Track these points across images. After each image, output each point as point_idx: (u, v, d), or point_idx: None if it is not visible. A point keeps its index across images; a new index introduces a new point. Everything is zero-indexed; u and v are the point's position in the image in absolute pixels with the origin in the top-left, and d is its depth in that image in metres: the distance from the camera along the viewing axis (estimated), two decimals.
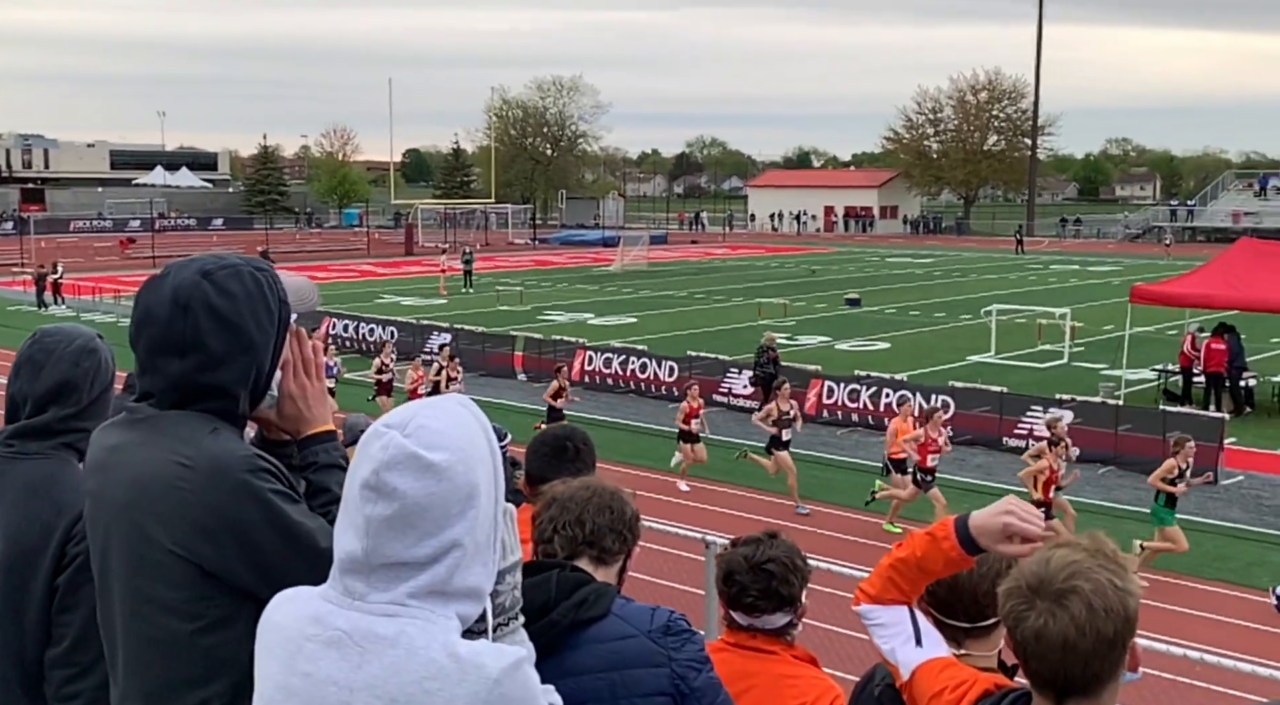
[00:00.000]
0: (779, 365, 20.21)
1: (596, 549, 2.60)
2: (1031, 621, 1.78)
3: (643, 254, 55.91)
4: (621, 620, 2.45)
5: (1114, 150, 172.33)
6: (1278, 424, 19.46)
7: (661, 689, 2.41)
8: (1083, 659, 1.77)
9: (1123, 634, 1.77)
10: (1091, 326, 29.81)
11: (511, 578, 1.83)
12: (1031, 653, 1.80)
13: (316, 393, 2.27)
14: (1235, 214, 68.05)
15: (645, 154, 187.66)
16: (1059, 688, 1.80)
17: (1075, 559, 1.80)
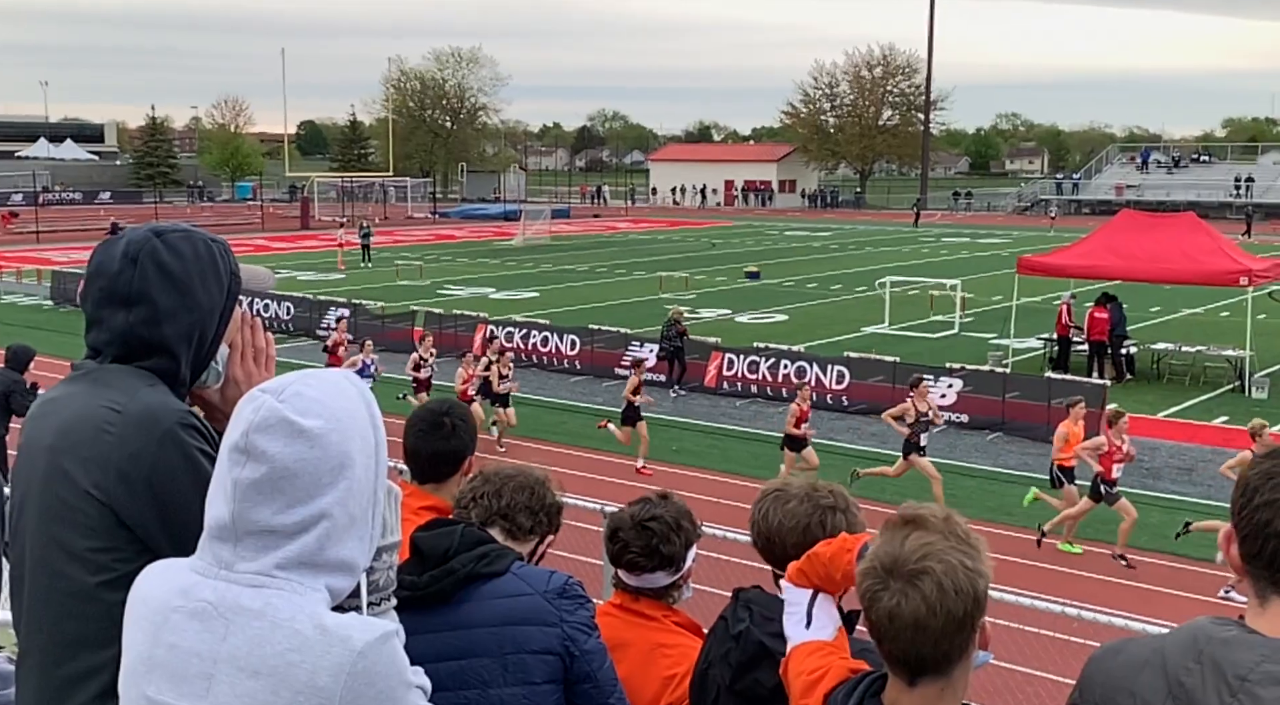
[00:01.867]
0: (686, 338, 20.43)
1: (509, 523, 2.68)
2: (885, 601, 1.83)
3: (545, 228, 55.74)
4: (519, 579, 2.51)
5: (1004, 125, 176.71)
6: (1156, 390, 20.32)
7: (551, 648, 2.46)
8: (933, 638, 1.81)
9: (972, 614, 1.82)
10: (981, 297, 30.70)
11: (388, 557, 1.82)
12: (885, 633, 1.85)
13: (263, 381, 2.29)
14: (1118, 187, 70.35)
15: (546, 127, 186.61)
16: (912, 666, 1.86)
17: (929, 541, 1.84)
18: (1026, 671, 8.80)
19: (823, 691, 2.03)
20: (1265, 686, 1.50)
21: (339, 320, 22.00)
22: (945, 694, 1.88)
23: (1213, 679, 1.54)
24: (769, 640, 2.47)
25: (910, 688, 1.88)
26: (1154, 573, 11.74)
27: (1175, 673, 1.59)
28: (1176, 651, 1.61)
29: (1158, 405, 18.97)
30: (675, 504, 2.96)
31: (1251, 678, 1.51)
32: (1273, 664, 1.52)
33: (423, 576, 2.50)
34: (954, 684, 1.88)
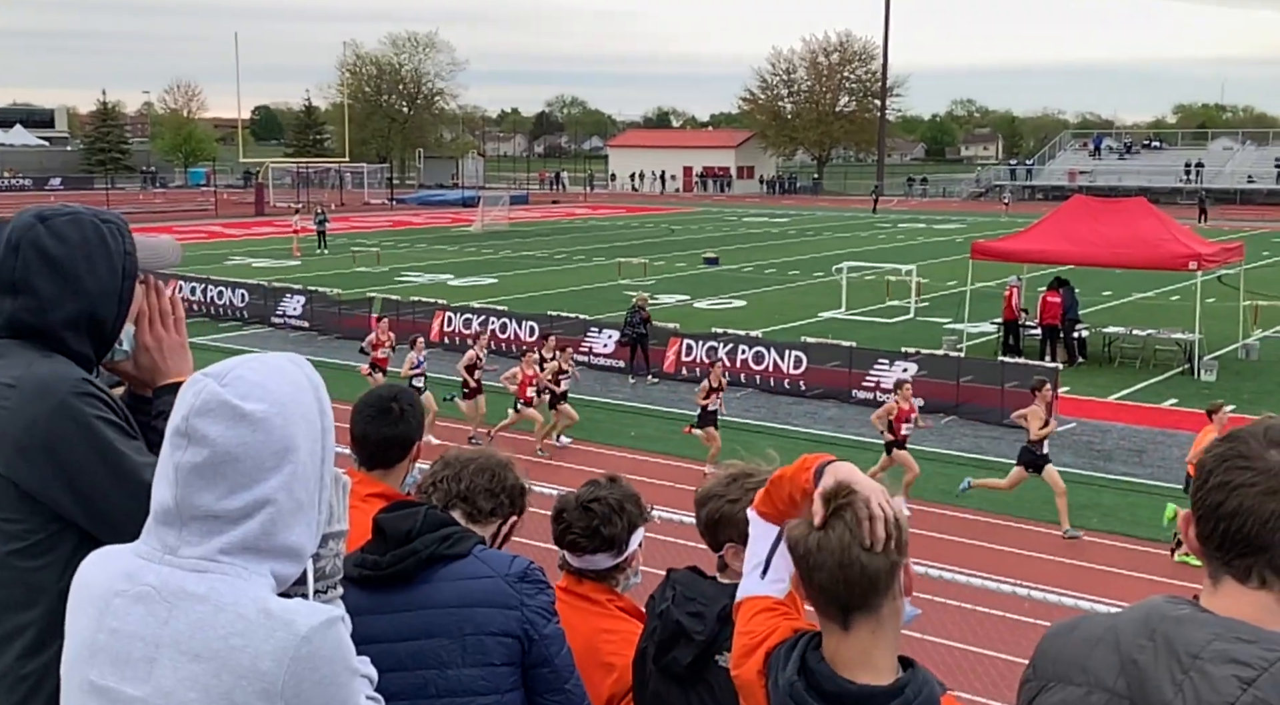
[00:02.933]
0: (650, 325, 20.45)
1: (470, 505, 2.69)
2: (815, 537, 1.93)
3: (503, 214, 55.49)
4: (481, 562, 2.53)
5: (959, 111, 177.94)
6: (1108, 373, 20.61)
7: (510, 631, 2.48)
8: (858, 567, 1.90)
9: (896, 548, 1.92)
10: (936, 282, 30.97)
11: (335, 545, 1.81)
12: (814, 564, 1.92)
13: (173, 344, 2.26)
14: (1071, 172, 71.08)
15: (505, 113, 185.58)
16: (841, 602, 1.92)
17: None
18: (979, 651, 8.94)
19: (765, 652, 2.06)
20: (1217, 664, 1.52)
21: (379, 319, 19.75)
22: (879, 637, 1.93)
23: (1165, 657, 1.56)
24: (686, 620, 2.51)
25: (845, 632, 1.93)
26: (1107, 554, 11.93)
27: (1128, 650, 1.61)
28: (1130, 629, 1.63)
29: (1109, 388, 19.25)
30: (622, 487, 2.98)
31: (1203, 656, 1.53)
32: (1224, 642, 1.54)
33: (385, 556, 2.51)
34: (884, 626, 1.93)
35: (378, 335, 18.16)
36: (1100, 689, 1.62)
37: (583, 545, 2.89)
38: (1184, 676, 1.53)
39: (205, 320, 26.43)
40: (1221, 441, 1.69)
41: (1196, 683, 1.52)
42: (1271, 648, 1.52)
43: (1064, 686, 1.68)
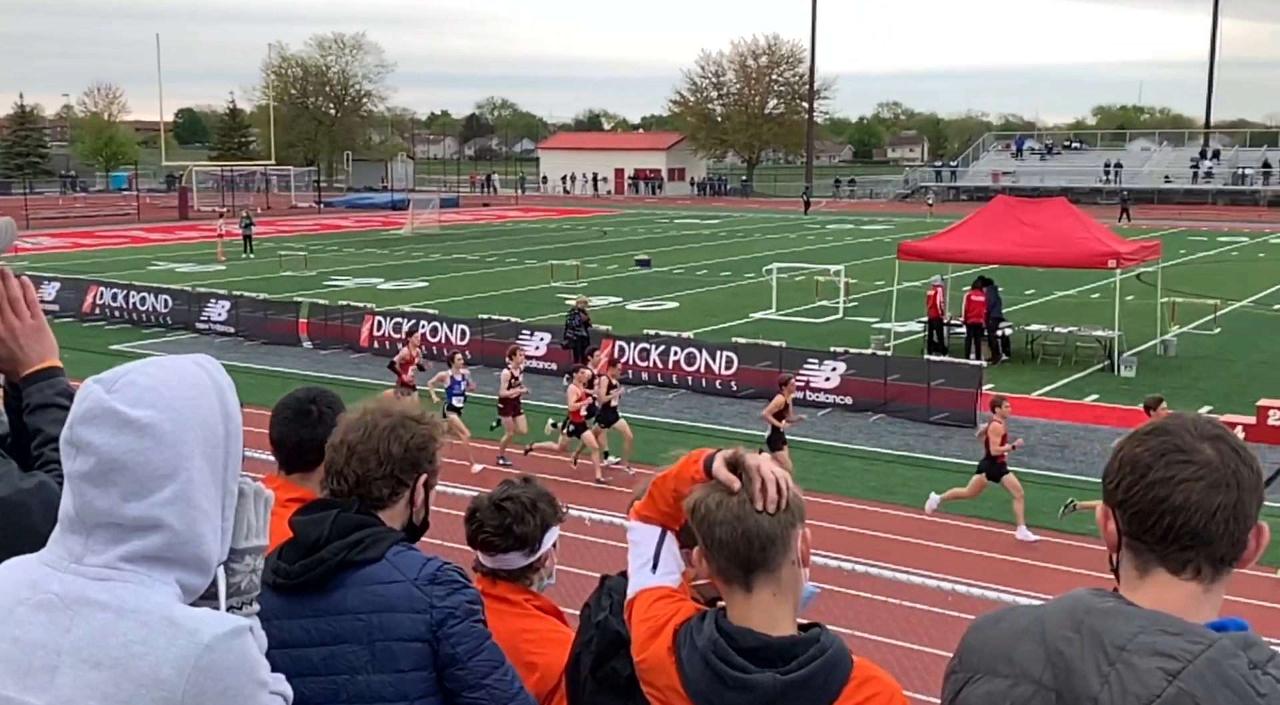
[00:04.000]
0: (590, 327, 20.41)
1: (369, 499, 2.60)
2: (714, 497, 2.02)
3: (434, 217, 55.13)
4: (393, 566, 2.49)
5: (885, 114, 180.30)
6: (1031, 370, 21.02)
7: (419, 635, 2.45)
8: (754, 517, 1.99)
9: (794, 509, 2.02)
10: (864, 282, 31.36)
11: (252, 560, 1.78)
12: (715, 521, 2.00)
13: (29, 330, 2.17)
14: (994, 174, 72.35)
15: (434, 115, 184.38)
16: (742, 560, 2.00)
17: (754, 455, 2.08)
18: (906, 646, 9.08)
19: (673, 629, 2.09)
20: (1142, 657, 1.54)
21: (410, 334, 17.98)
22: (780, 600, 2.01)
23: (1091, 649, 1.59)
24: (624, 629, 2.46)
25: (749, 594, 2.01)
26: (1033, 548, 12.16)
27: (1054, 642, 1.63)
28: (1055, 621, 1.65)
29: (1032, 385, 19.63)
30: (535, 487, 2.98)
31: (1130, 648, 1.56)
32: (1149, 635, 1.57)
33: (295, 565, 2.49)
34: (785, 590, 2.02)
35: (408, 351, 16.61)
36: (1026, 680, 1.64)
37: (495, 544, 2.88)
38: (1110, 669, 1.56)
39: (127, 327, 25.92)
40: (1149, 435, 1.70)
41: (1123, 675, 1.54)
42: (1195, 640, 1.55)
43: (990, 678, 1.69)
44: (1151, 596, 1.65)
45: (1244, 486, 1.65)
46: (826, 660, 1.98)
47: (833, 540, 12.14)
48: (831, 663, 1.99)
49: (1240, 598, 11.91)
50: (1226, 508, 1.63)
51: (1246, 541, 1.67)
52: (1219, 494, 1.63)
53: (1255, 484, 1.66)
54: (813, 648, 1.99)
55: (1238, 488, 1.64)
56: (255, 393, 14.00)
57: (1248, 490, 1.65)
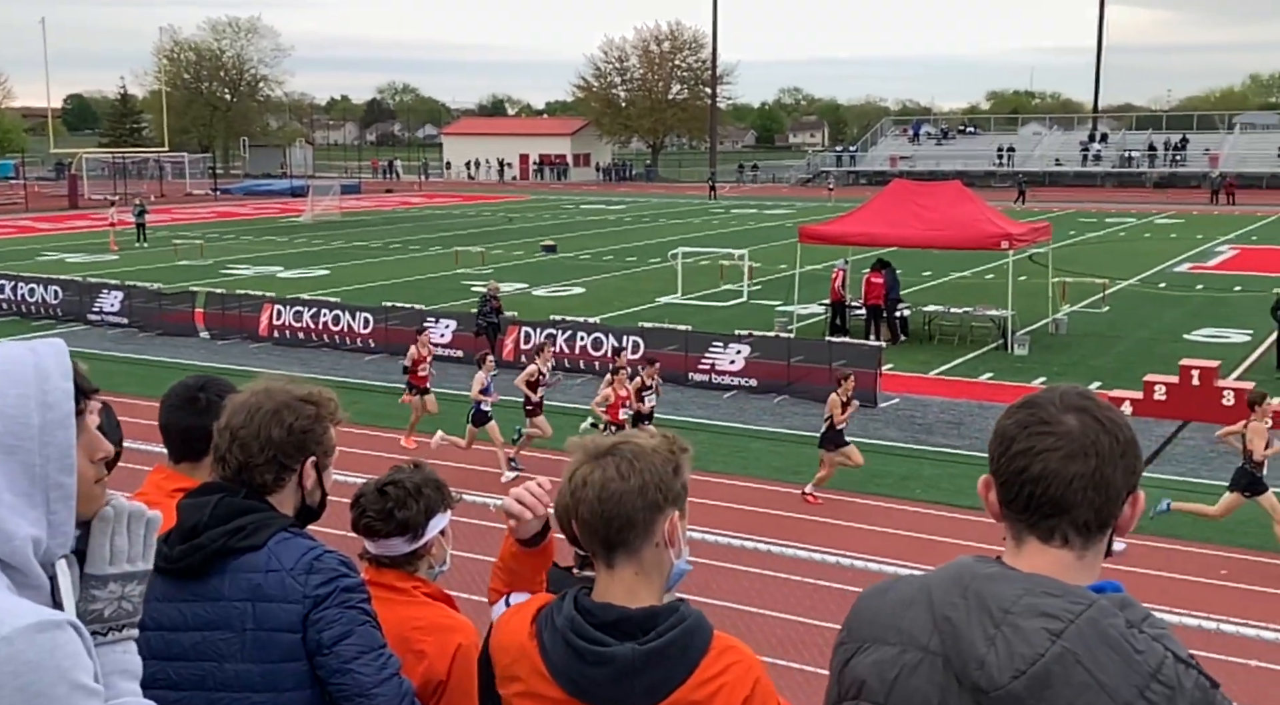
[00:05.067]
0: (502, 314, 20.30)
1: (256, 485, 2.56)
2: (581, 472, 2.04)
3: (334, 204, 54.32)
4: (273, 555, 2.46)
5: (787, 100, 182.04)
6: (928, 350, 21.54)
7: (291, 626, 2.43)
8: (616, 502, 1.99)
9: (658, 494, 2.01)
10: (768, 266, 31.76)
11: (118, 587, 1.69)
12: (579, 498, 2.03)
13: None
14: (892, 158, 73.68)
15: (334, 100, 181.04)
16: (603, 538, 2.02)
17: (633, 435, 2.10)
18: (810, 622, 9.29)
19: (533, 612, 2.11)
20: (1027, 618, 1.61)
21: (421, 332, 16.52)
22: (641, 578, 2.03)
23: (977, 612, 1.64)
24: None
25: (611, 570, 2.04)
26: (930, 522, 12.49)
27: (941, 608, 1.68)
28: (942, 588, 1.71)
29: (929, 364, 20.12)
30: (423, 472, 2.97)
31: (1014, 610, 1.62)
32: (1033, 597, 1.63)
33: (174, 550, 2.46)
34: (647, 571, 2.03)
35: (418, 350, 15.58)
36: (914, 647, 1.70)
37: (378, 529, 2.86)
38: (996, 631, 1.62)
39: (16, 319, 25.12)
40: (1019, 408, 1.77)
41: (1009, 636, 1.61)
42: (1076, 601, 1.62)
43: (879, 647, 1.74)
44: (1028, 564, 1.72)
45: (1103, 456, 1.69)
46: (684, 629, 1.99)
47: (738, 520, 12.35)
48: (689, 631, 1.99)
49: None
50: (1084, 476, 1.69)
51: (1115, 509, 1.72)
52: (1075, 463, 1.69)
53: (1120, 453, 1.71)
54: (671, 617, 1.99)
55: (1096, 457, 1.69)
56: (150, 385, 13.74)
57: (1107, 459, 1.70)
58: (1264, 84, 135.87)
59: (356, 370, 20.20)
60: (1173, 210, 53.41)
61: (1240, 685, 8.27)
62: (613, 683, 1.97)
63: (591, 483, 2.02)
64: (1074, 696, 1.57)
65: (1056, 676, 1.57)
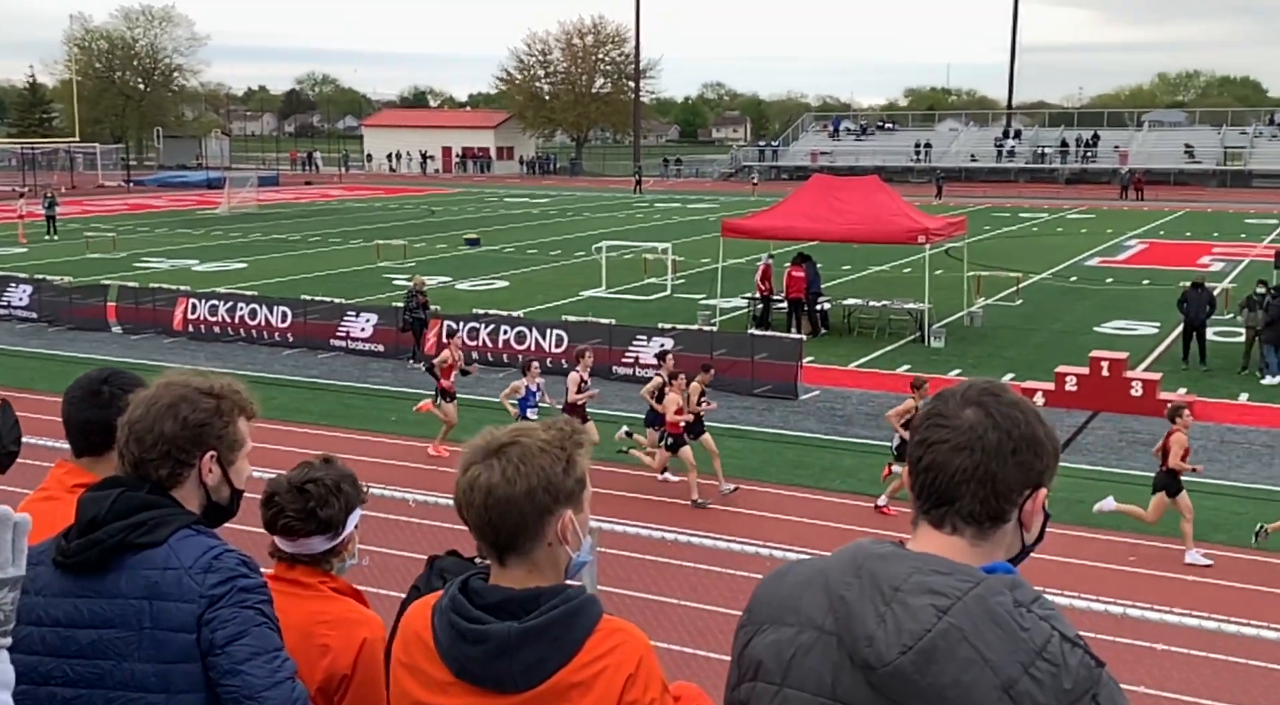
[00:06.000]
0: (429, 309, 20.08)
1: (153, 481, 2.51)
2: (470, 473, 2.03)
3: (252, 196, 53.45)
4: (172, 552, 2.41)
5: (710, 94, 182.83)
6: (848, 342, 21.83)
7: (186, 625, 2.38)
8: (502, 506, 1.98)
9: (546, 496, 1.99)
10: (691, 260, 31.91)
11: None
12: (469, 500, 2.02)
13: None
14: (813, 153, 74.40)
15: (252, 91, 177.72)
16: (491, 540, 2.03)
17: (524, 429, 2.07)
18: (729, 613, 9.38)
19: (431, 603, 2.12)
20: (915, 595, 1.65)
21: (450, 335, 15.98)
22: (534, 575, 2.04)
23: (870, 591, 1.68)
24: None
25: (503, 568, 2.04)
26: (849, 513, 12.68)
27: (836, 589, 1.72)
28: (838, 570, 1.75)
29: (849, 356, 20.40)
30: (337, 468, 2.91)
31: (904, 588, 1.66)
32: (922, 575, 1.67)
33: (71, 544, 2.41)
34: (541, 569, 2.04)
35: (450, 353, 14.94)
36: (811, 628, 1.73)
37: (297, 529, 2.79)
38: (886, 608, 1.65)
39: None
40: (933, 400, 1.84)
41: (898, 613, 1.64)
42: (964, 579, 1.66)
43: (778, 628, 1.78)
44: (923, 547, 1.78)
45: (989, 451, 1.74)
46: (566, 610, 1.97)
47: (658, 511, 12.43)
48: (571, 612, 1.98)
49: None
50: (966, 470, 1.75)
51: (1006, 504, 1.77)
52: (960, 456, 1.74)
53: (1011, 449, 1.75)
54: (554, 598, 1.98)
55: (981, 452, 1.74)
56: (60, 381, 13.32)
57: (994, 454, 1.74)
58: (1171, 83, 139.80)
59: (273, 365, 19.91)
60: (1084, 206, 54.72)
61: (1146, 668, 8.54)
62: (491, 660, 1.98)
63: (479, 486, 2.00)
64: (959, 672, 1.59)
65: (942, 652, 1.60)
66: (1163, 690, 8.35)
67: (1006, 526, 1.80)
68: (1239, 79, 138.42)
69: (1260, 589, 10.49)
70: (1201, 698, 8.32)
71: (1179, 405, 12.04)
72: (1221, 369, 19.21)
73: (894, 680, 1.63)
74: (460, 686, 2.02)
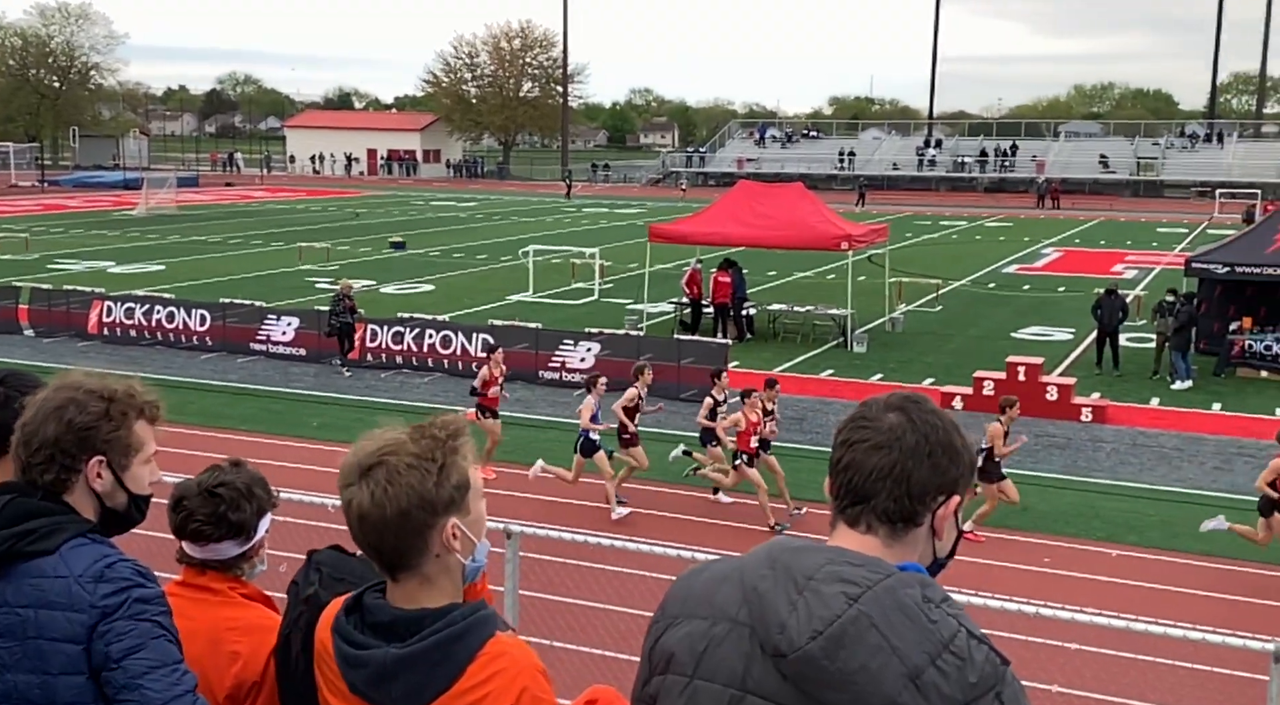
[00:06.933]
0: (356, 313, 19.79)
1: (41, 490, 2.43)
2: (345, 495, 1.97)
3: (170, 197, 52.46)
4: (63, 561, 2.34)
5: (638, 100, 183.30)
6: (773, 347, 22.03)
7: (74, 636, 2.30)
8: (378, 530, 1.93)
9: (422, 511, 1.93)
10: (619, 264, 31.98)
11: None
12: (348, 520, 1.98)
13: None
14: (739, 160, 74.94)
15: (172, 90, 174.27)
16: (378, 559, 1.99)
17: (392, 441, 1.98)
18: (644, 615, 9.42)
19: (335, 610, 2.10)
20: (828, 583, 1.68)
21: (491, 351, 15.05)
22: (427, 588, 1.99)
23: (783, 581, 1.71)
24: None
25: (395, 583, 2.01)
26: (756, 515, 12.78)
27: (751, 582, 1.74)
28: (753, 564, 1.77)
29: (773, 361, 20.57)
30: (248, 471, 2.85)
31: (817, 577, 1.70)
32: (835, 565, 1.71)
33: None
34: (433, 580, 1.99)
35: (490, 370, 14.24)
36: (724, 620, 1.75)
37: (207, 533, 2.72)
38: (799, 596, 1.68)
39: None
40: (858, 406, 1.90)
41: (810, 601, 1.67)
42: (876, 571, 1.71)
43: (691, 621, 1.80)
44: (840, 544, 1.83)
45: (906, 450, 1.80)
46: (448, 635, 1.93)
47: (582, 517, 12.42)
48: (453, 637, 1.93)
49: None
50: (883, 469, 1.80)
51: (920, 505, 1.82)
52: (878, 455, 1.80)
53: (928, 452, 1.81)
54: (440, 621, 1.94)
55: (899, 451, 1.80)
56: None
57: (911, 454, 1.80)
58: (1087, 94, 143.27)
59: (191, 369, 19.54)
60: (1002, 214, 55.84)
61: (1059, 666, 8.75)
62: (372, 686, 1.96)
63: (352, 511, 1.95)
64: (867, 658, 1.62)
65: (850, 638, 1.64)
66: (1075, 689, 8.55)
67: (919, 530, 1.84)
68: (1152, 92, 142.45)
69: (1170, 589, 10.80)
70: (1112, 695, 8.54)
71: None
72: (1134, 374, 19.73)
73: (804, 666, 1.65)
74: (358, 700, 2.00)
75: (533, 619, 8.87)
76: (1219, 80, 79.50)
